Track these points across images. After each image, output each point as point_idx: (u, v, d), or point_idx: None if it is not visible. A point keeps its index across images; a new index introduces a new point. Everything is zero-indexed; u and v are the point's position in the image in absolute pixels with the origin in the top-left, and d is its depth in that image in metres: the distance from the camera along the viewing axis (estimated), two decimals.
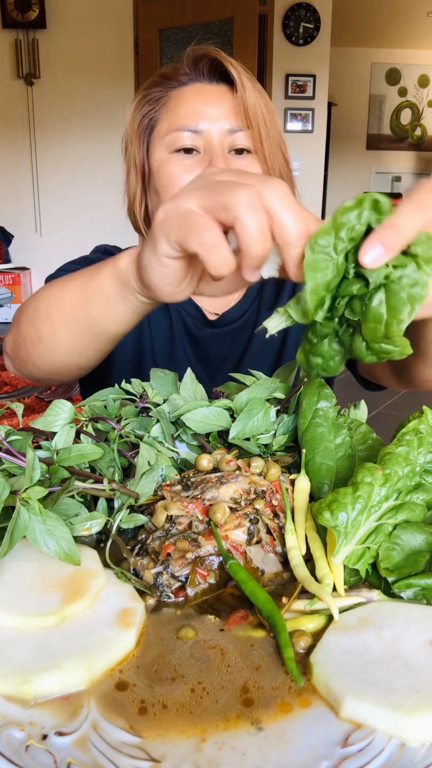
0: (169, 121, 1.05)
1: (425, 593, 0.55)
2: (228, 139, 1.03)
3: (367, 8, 7.18)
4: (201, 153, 1.03)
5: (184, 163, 1.03)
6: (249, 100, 1.02)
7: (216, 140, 1.02)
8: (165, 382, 0.84)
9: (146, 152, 1.09)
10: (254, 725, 0.44)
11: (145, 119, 1.08)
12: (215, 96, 1.04)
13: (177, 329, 1.16)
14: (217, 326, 1.16)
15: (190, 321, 1.16)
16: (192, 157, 1.03)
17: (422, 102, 8.49)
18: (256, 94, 1.03)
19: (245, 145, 1.04)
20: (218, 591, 0.57)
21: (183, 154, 1.03)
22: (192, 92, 1.05)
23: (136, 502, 0.66)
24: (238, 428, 0.75)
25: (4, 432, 0.68)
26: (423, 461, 0.63)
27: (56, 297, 0.79)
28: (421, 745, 0.42)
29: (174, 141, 1.03)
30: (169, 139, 1.04)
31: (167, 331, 1.16)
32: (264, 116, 1.04)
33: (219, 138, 1.02)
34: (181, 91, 1.06)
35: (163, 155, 1.05)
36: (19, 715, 0.44)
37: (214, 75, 1.06)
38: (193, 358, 1.16)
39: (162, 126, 1.06)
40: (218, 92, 1.05)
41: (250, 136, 1.03)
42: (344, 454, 0.70)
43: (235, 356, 1.17)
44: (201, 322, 1.16)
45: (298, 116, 5.69)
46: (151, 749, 0.42)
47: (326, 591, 0.54)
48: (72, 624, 0.52)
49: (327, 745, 0.42)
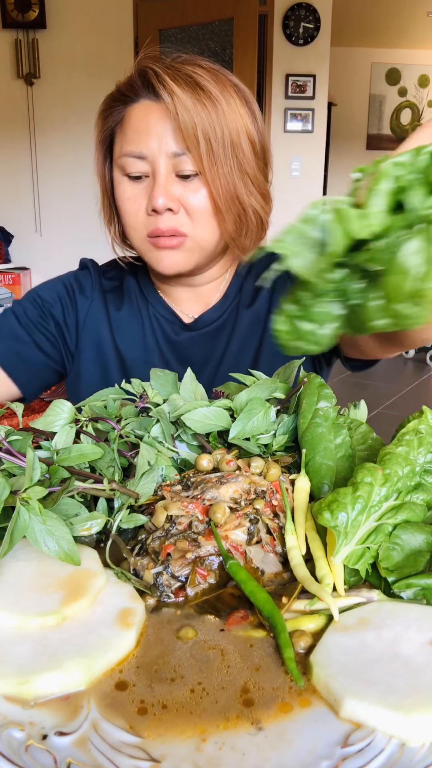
0: (120, 143, 1.01)
1: (425, 593, 0.55)
2: (173, 162, 0.97)
3: (367, 8, 7.18)
4: (150, 177, 0.99)
5: (134, 191, 1.01)
6: (185, 119, 0.93)
7: (160, 165, 0.97)
8: (165, 382, 0.84)
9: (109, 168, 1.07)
10: (254, 725, 0.44)
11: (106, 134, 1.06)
12: (159, 116, 0.97)
13: (151, 336, 1.15)
14: (194, 329, 1.15)
15: (166, 325, 1.15)
16: (140, 183, 1.00)
17: (422, 102, 8.49)
18: (197, 107, 0.94)
19: (190, 169, 0.97)
20: (218, 591, 0.57)
21: (133, 181, 1.00)
22: (139, 112, 0.99)
23: (136, 502, 0.66)
24: (238, 428, 0.75)
25: (4, 432, 0.68)
26: (423, 461, 0.63)
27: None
28: (421, 745, 0.42)
29: (123, 165, 1.00)
30: (120, 162, 1.01)
31: (140, 339, 1.15)
32: (207, 132, 0.95)
33: (165, 161, 0.97)
34: (132, 109, 1.00)
35: (118, 176, 1.03)
36: (19, 715, 0.44)
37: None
38: (173, 361, 1.16)
39: (117, 146, 1.03)
40: (162, 111, 0.96)
41: (192, 158, 0.96)
42: (344, 454, 0.70)
43: (215, 357, 1.16)
44: (178, 325, 1.15)
45: (298, 116, 5.68)
46: (151, 749, 0.42)
47: (326, 591, 0.54)
48: (72, 624, 0.52)
49: (327, 745, 0.42)
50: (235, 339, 1.15)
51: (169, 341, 1.16)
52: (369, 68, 8.29)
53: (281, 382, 0.80)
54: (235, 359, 1.14)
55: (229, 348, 1.15)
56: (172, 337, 1.16)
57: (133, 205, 1.01)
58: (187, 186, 0.99)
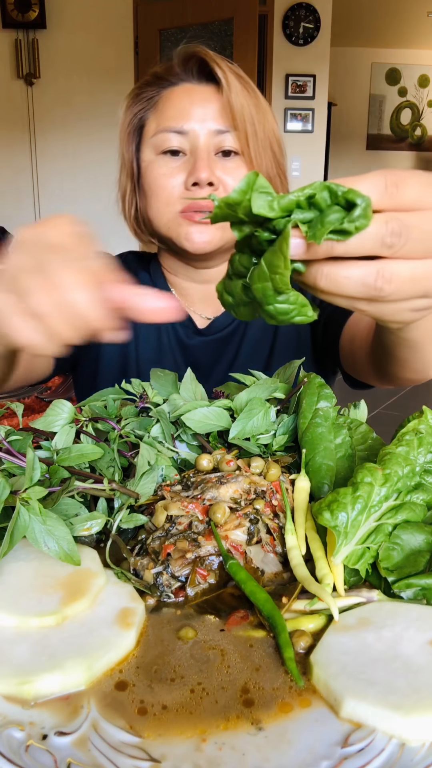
0: (157, 121, 1.05)
1: (425, 593, 0.55)
2: (214, 141, 1.02)
3: (367, 8, 7.18)
4: (187, 155, 1.03)
5: (170, 166, 1.03)
6: (235, 100, 1.01)
7: (202, 142, 1.02)
8: (165, 382, 0.84)
9: (135, 152, 1.09)
10: (254, 725, 0.44)
11: (135, 118, 1.08)
12: (203, 96, 1.03)
13: (165, 338, 1.16)
14: (206, 334, 1.16)
15: (180, 329, 1.16)
16: (178, 159, 1.03)
17: (422, 102, 8.49)
18: (244, 94, 1.02)
19: (232, 146, 1.03)
20: (218, 591, 0.57)
21: (169, 156, 1.03)
22: (180, 92, 1.05)
23: (136, 502, 0.66)
24: (238, 428, 0.75)
25: (4, 432, 0.68)
26: (423, 461, 0.63)
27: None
28: (421, 745, 0.42)
29: (161, 142, 1.03)
30: (156, 140, 1.04)
31: (155, 340, 1.16)
32: (252, 117, 1.03)
33: (205, 139, 1.02)
34: (171, 91, 1.05)
35: (150, 156, 1.05)
36: (19, 715, 0.44)
37: (203, 75, 1.05)
38: (183, 365, 1.16)
39: (150, 126, 1.06)
40: (206, 92, 1.04)
41: (236, 137, 1.02)
42: (344, 454, 0.70)
43: (224, 363, 1.17)
44: (191, 329, 1.16)
45: (298, 116, 5.68)
46: (151, 749, 0.42)
47: (326, 591, 0.54)
48: (72, 624, 0.52)
49: (327, 745, 0.42)
50: (245, 345, 1.16)
51: (181, 344, 1.16)
52: (369, 68, 8.30)
53: (281, 382, 0.80)
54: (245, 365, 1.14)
55: (239, 354, 1.16)
56: (184, 340, 1.16)
57: (169, 181, 1.03)
58: (226, 164, 1.03)
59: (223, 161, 1.03)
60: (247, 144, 1.02)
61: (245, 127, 1.02)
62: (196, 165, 1.00)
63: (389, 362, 0.82)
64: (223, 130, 1.02)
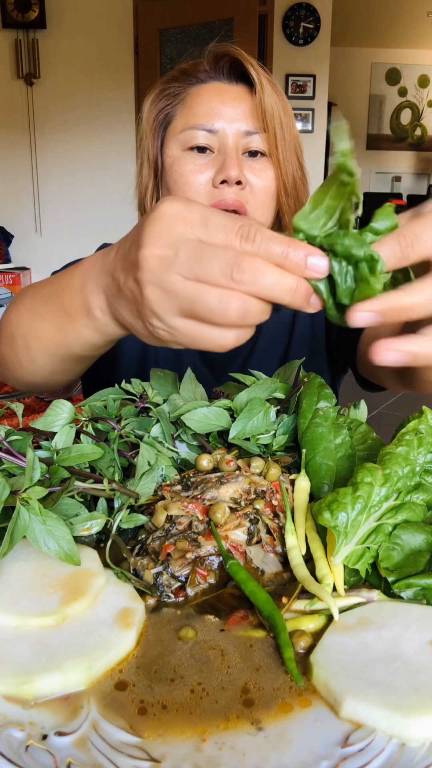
0: (185, 117, 1.04)
1: (425, 593, 0.55)
2: (243, 141, 1.02)
3: (367, 8, 7.18)
4: (215, 153, 1.02)
5: (197, 162, 1.03)
6: (267, 102, 1.01)
7: (231, 141, 1.02)
8: (165, 382, 0.84)
9: (160, 147, 1.08)
10: (254, 725, 0.44)
11: (161, 114, 1.07)
12: (233, 96, 1.03)
13: None
14: None
15: None
16: (205, 156, 1.03)
17: (422, 102, 8.49)
18: (275, 96, 1.02)
19: (260, 147, 1.03)
20: (218, 591, 0.57)
21: (196, 153, 1.03)
22: (210, 91, 1.04)
23: (136, 502, 0.66)
24: (238, 428, 0.75)
25: (4, 432, 0.68)
26: (423, 461, 0.62)
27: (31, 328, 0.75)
28: (421, 745, 0.42)
29: (188, 139, 1.03)
30: (183, 136, 1.03)
31: None
32: (281, 119, 1.03)
33: (234, 139, 1.02)
34: (200, 89, 1.05)
35: (176, 152, 1.05)
36: (19, 715, 0.44)
37: (233, 75, 1.05)
38: (200, 363, 1.16)
39: (178, 122, 1.05)
40: (237, 92, 1.04)
41: (265, 139, 1.03)
42: (344, 454, 0.70)
43: (239, 359, 1.17)
44: None
45: (298, 116, 5.68)
46: (151, 749, 0.42)
47: (326, 591, 0.54)
48: (72, 624, 0.52)
49: (327, 745, 0.42)
50: (260, 344, 1.16)
51: None
52: (369, 68, 8.30)
53: (281, 382, 0.80)
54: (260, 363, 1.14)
55: (254, 352, 1.16)
56: None
57: (197, 177, 1.03)
58: (253, 165, 1.03)
59: (250, 161, 1.03)
60: (276, 146, 1.03)
61: (275, 129, 1.02)
62: (226, 163, 1.00)
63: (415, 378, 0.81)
64: (252, 131, 1.02)
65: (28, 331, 0.75)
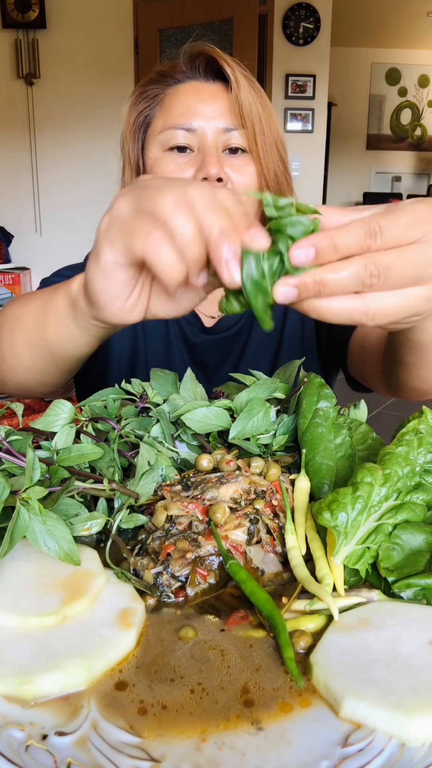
0: (164, 118, 1.04)
1: (425, 593, 0.55)
2: (222, 138, 1.02)
3: (367, 8, 7.18)
4: (195, 152, 1.02)
5: (178, 162, 1.03)
6: (244, 98, 1.01)
7: (210, 139, 1.01)
8: (165, 382, 0.84)
9: (141, 150, 1.09)
10: (254, 725, 0.44)
11: (141, 116, 1.08)
12: (210, 94, 1.03)
13: (174, 335, 1.16)
14: (213, 333, 1.16)
15: (186, 327, 1.16)
16: (186, 156, 1.03)
17: (422, 102, 8.50)
18: (252, 92, 1.02)
19: (239, 144, 1.03)
20: (218, 591, 0.57)
21: (176, 153, 1.03)
22: (187, 90, 1.04)
23: (136, 502, 0.66)
24: (238, 428, 0.75)
25: (4, 432, 0.68)
26: (423, 461, 0.63)
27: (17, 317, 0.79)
28: (421, 745, 0.42)
29: (168, 139, 1.03)
30: (163, 137, 1.03)
31: (164, 337, 1.16)
32: (260, 115, 1.03)
33: (213, 137, 1.02)
34: (177, 89, 1.05)
35: (157, 153, 1.05)
36: (19, 715, 0.44)
37: (210, 73, 1.05)
38: (189, 363, 1.16)
39: (157, 123, 1.05)
40: (214, 90, 1.04)
41: (244, 135, 1.02)
42: (344, 454, 0.70)
43: (230, 362, 1.17)
44: (197, 328, 1.16)
45: (298, 116, 5.68)
46: (151, 749, 0.42)
47: (326, 591, 0.54)
48: (72, 624, 0.52)
49: (327, 745, 0.42)
50: (251, 344, 1.16)
51: (188, 343, 1.16)
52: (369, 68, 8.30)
53: (281, 382, 0.80)
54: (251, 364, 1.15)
55: (245, 353, 1.16)
56: (190, 338, 1.16)
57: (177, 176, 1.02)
58: (234, 161, 1.03)
59: (231, 158, 1.03)
60: (255, 142, 1.02)
61: (253, 125, 1.02)
62: (206, 161, 1.00)
63: (398, 368, 0.82)
64: (230, 128, 1.02)
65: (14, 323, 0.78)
